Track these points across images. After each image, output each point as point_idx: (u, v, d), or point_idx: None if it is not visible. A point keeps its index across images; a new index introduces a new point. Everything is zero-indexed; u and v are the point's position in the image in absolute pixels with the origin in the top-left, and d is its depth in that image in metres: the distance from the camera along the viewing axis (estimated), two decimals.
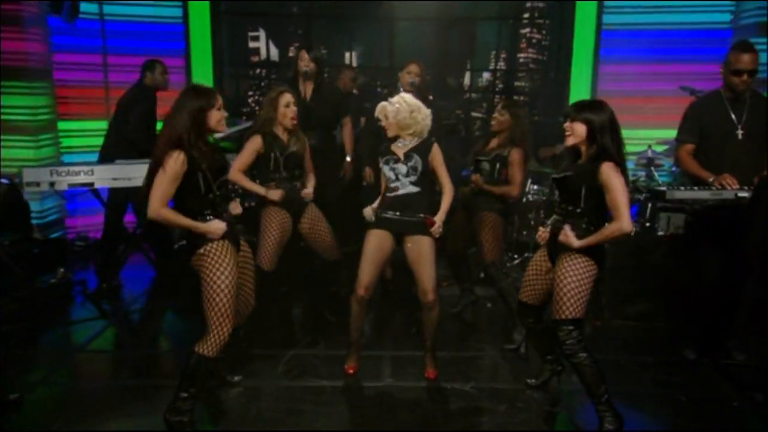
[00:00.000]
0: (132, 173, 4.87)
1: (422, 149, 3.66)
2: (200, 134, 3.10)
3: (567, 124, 3.22)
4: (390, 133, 3.68)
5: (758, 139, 3.91)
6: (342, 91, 5.79)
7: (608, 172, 3.04)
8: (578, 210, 3.18)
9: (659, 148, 6.06)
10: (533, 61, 7.87)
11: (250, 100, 7.81)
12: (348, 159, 5.33)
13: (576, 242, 3.14)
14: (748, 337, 4.17)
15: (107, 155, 5.45)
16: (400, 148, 3.70)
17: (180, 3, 6.94)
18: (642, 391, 3.77)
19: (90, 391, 3.80)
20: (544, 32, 7.72)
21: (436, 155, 3.68)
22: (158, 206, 3.04)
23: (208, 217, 3.11)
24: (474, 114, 7.99)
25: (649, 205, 5.30)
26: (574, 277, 3.15)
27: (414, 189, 3.67)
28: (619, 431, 3.22)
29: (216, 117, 3.13)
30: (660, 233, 4.91)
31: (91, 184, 4.86)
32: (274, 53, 7.89)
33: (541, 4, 7.71)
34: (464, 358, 4.27)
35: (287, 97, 4.16)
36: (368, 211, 3.80)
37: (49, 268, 5.39)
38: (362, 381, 3.87)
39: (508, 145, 4.49)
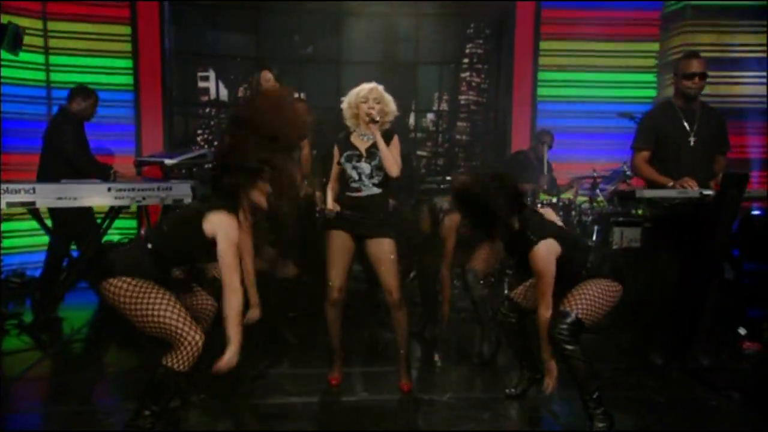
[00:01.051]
0: (78, 192, 4.30)
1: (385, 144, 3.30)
2: None
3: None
4: (366, 120, 3.29)
5: (710, 146, 3.88)
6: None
7: None
8: None
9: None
10: (474, 103, 7.81)
11: (199, 138, 7.35)
12: (305, 182, 4.94)
13: None
14: (711, 341, 3.97)
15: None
16: (363, 142, 3.35)
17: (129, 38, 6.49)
18: (620, 395, 3.45)
19: (29, 418, 3.18)
20: (483, 76, 7.68)
21: (396, 146, 3.33)
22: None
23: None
24: (419, 152, 7.82)
25: (596, 227, 5.16)
26: (599, 290, 2.98)
27: (377, 191, 3.35)
28: (610, 430, 2.90)
29: None
30: (614, 247, 4.72)
31: (32, 204, 4.25)
32: (224, 94, 7.50)
33: (479, 50, 7.70)
34: (433, 371, 3.92)
35: None
36: (329, 209, 3.41)
37: None
38: (335, 396, 3.39)
39: None
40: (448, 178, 6.11)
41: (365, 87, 3.33)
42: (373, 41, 7.41)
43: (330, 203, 3.42)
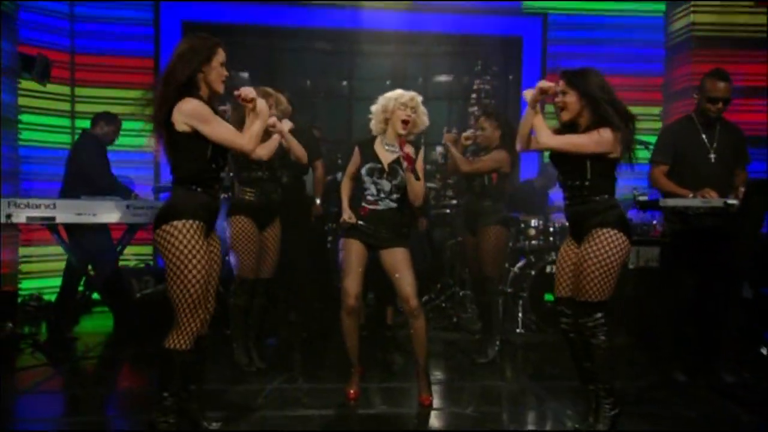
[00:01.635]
0: (97, 209, 4.19)
1: None
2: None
3: (558, 98, 2.73)
4: (399, 130, 3.11)
5: (730, 161, 3.71)
6: (315, 134, 5.34)
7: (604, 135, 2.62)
8: (586, 183, 2.69)
9: None
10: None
11: None
12: (317, 201, 4.80)
13: None
14: (735, 358, 3.73)
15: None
16: (388, 154, 3.19)
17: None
18: (650, 411, 3.21)
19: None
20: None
21: (420, 159, 3.17)
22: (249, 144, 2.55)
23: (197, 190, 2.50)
24: (429, 184, 7.69)
25: None
26: (600, 256, 2.64)
27: (394, 205, 3.21)
28: (617, 418, 2.74)
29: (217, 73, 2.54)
30: (630, 266, 4.52)
31: (52, 219, 4.11)
32: None
33: (487, 86, 7.66)
34: (451, 384, 3.67)
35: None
36: (346, 218, 3.24)
37: None
38: (354, 409, 3.16)
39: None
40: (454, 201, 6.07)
41: (406, 93, 3.15)
42: (383, 78, 7.39)
43: (345, 210, 3.26)
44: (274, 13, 6.64)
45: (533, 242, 5.37)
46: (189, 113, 2.41)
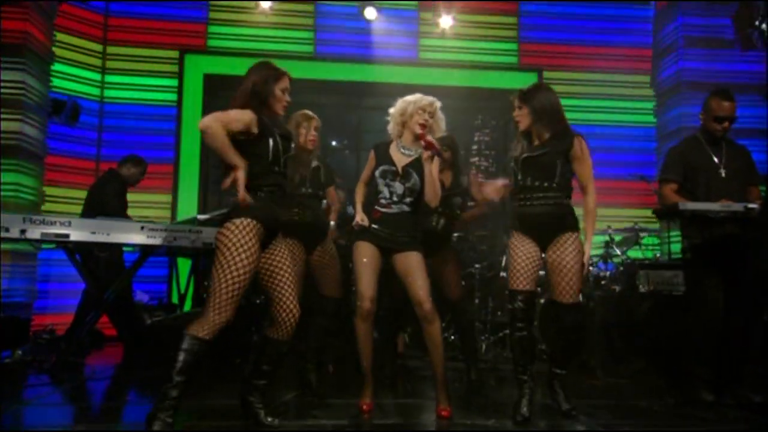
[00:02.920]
0: (111, 229, 3.85)
1: (422, 166, 2.86)
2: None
3: (516, 113, 2.87)
4: (417, 131, 2.86)
5: (740, 177, 3.42)
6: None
7: (582, 143, 2.81)
8: (553, 185, 2.78)
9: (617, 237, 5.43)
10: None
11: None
12: (332, 224, 4.48)
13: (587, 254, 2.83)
14: (763, 376, 3.29)
15: None
16: (402, 156, 2.92)
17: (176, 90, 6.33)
18: (683, 429, 2.76)
19: None
20: (490, 161, 7.45)
21: (437, 165, 2.88)
22: (212, 119, 2.34)
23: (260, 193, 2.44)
24: None
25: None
26: (577, 259, 2.76)
27: (407, 209, 2.90)
28: None
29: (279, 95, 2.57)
30: (642, 290, 4.14)
31: (66, 236, 3.77)
32: None
33: (487, 138, 7.52)
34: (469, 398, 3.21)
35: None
36: (358, 220, 2.92)
37: (5, 346, 4.09)
38: (369, 420, 2.72)
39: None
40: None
41: (426, 98, 2.92)
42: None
43: (358, 213, 2.95)
44: (287, 67, 6.53)
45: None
46: None
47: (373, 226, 2.89)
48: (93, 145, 6.17)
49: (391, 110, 2.97)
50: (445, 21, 6.53)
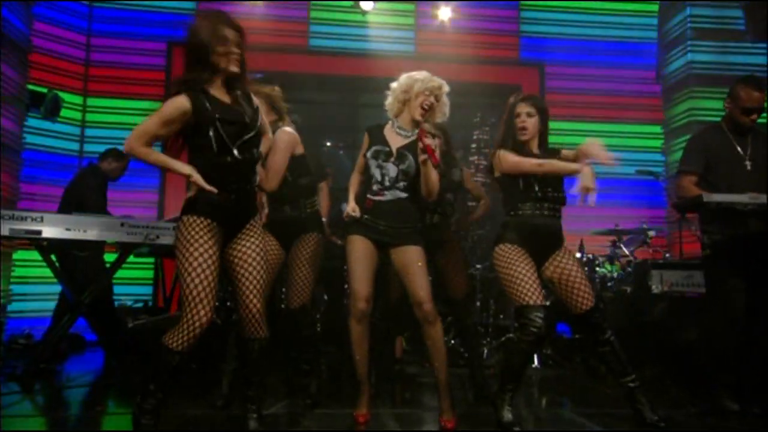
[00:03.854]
0: (88, 225, 3.58)
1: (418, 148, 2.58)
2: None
3: (525, 120, 2.68)
4: (417, 116, 2.60)
5: (765, 169, 3.14)
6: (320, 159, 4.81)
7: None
8: (561, 195, 2.68)
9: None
10: (482, 184, 7.28)
11: None
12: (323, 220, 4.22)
13: None
14: None
15: None
16: (398, 138, 2.64)
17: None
18: None
19: None
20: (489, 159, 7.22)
21: (430, 169, 2.53)
22: (133, 139, 2.03)
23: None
24: None
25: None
26: (579, 265, 2.71)
27: (402, 195, 2.60)
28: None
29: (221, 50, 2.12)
30: (654, 291, 3.90)
31: (38, 233, 3.50)
32: None
33: (485, 137, 7.29)
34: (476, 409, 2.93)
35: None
36: (350, 211, 2.63)
37: None
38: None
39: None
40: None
41: (436, 79, 2.66)
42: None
43: (351, 203, 2.67)
44: (283, 61, 6.32)
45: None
46: None
47: (365, 217, 2.60)
48: (76, 141, 5.91)
49: (394, 85, 2.69)
50: (444, 13, 6.30)
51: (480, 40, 6.45)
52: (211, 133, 2.07)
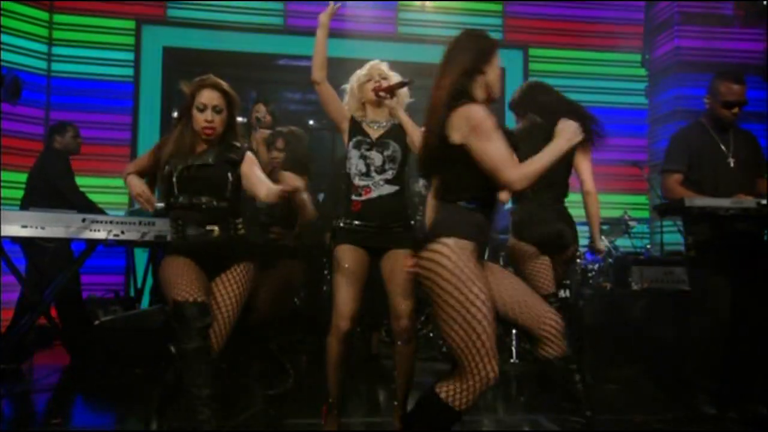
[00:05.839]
0: (47, 222, 3.40)
1: (399, 133, 2.48)
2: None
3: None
4: (373, 97, 2.49)
5: (749, 167, 3.11)
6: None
7: None
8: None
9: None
10: None
11: None
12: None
13: None
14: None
15: None
16: (374, 130, 2.51)
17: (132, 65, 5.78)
18: None
19: None
20: None
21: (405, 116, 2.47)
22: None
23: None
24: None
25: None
26: None
27: (391, 189, 2.43)
28: None
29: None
30: (635, 287, 3.84)
31: None
32: None
33: None
34: None
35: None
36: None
37: None
38: None
39: None
40: None
41: (365, 66, 2.56)
42: None
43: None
44: (256, 41, 6.07)
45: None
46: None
47: (356, 223, 2.44)
48: (40, 124, 5.65)
49: (344, 100, 2.59)
50: None
51: (463, 21, 6.23)
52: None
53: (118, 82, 5.79)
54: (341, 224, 2.47)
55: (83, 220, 3.55)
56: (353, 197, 2.46)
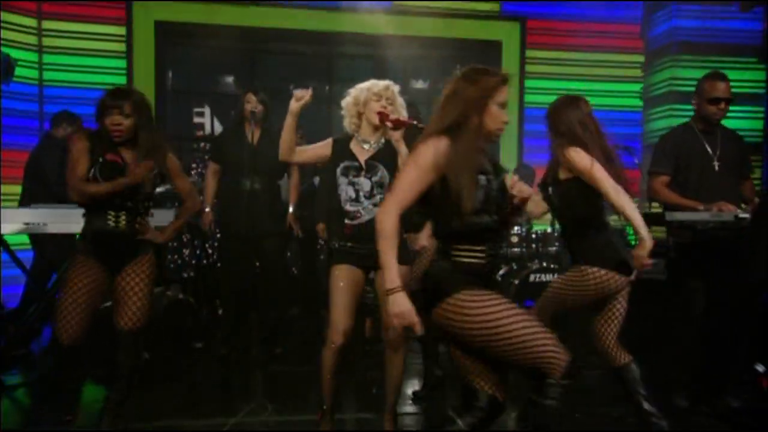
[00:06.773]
0: (48, 218, 3.48)
1: (388, 155, 2.53)
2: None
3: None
4: (375, 121, 2.52)
5: (734, 170, 3.20)
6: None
7: None
8: None
9: None
10: None
11: (193, 172, 6.55)
12: (290, 210, 4.13)
13: None
14: (744, 379, 3.19)
15: None
16: (363, 150, 2.57)
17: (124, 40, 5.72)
18: None
19: None
20: None
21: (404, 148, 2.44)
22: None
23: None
24: None
25: None
26: None
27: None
28: None
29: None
30: None
31: None
32: (218, 128, 6.76)
33: None
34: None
35: None
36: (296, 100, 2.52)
37: None
38: None
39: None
40: None
41: (379, 83, 2.56)
42: (363, 80, 6.75)
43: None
44: (253, 14, 5.96)
45: (515, 249, 4.81)
46: None
47: (348, 244, 2.54)
48: (34, 101, 5.63)
49: (344, 102, 2.61)
50: None
51: None
52: None
53: (109, 57, 5.72)
54: (336, 245, 2.57)
55: (83, 215, 3.63)
56: (345, 221, 2.56)
